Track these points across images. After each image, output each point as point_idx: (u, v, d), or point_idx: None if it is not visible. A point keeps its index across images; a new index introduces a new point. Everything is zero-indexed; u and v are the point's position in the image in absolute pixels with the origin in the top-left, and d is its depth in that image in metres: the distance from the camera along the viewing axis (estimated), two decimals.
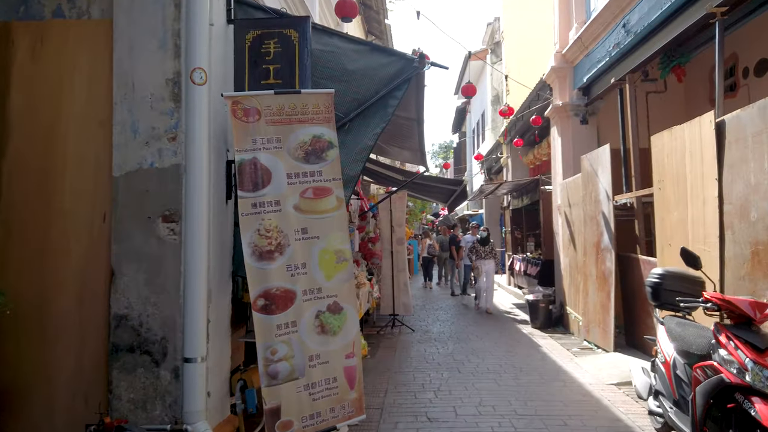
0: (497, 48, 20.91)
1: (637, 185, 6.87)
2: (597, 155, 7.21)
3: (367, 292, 5.45)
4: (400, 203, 9.14)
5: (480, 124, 23.64)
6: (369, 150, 3.57)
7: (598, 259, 7.18)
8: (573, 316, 8.32)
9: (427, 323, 9.54)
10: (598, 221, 7.21)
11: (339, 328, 3.30)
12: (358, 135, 3.64)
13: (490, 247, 10.77)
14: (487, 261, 10.61)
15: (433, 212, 33.05)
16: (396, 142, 7.45)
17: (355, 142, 3.62)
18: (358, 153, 3.57)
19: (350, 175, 3.54)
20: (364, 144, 3.58)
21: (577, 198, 8.17)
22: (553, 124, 9.48)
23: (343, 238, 3.35)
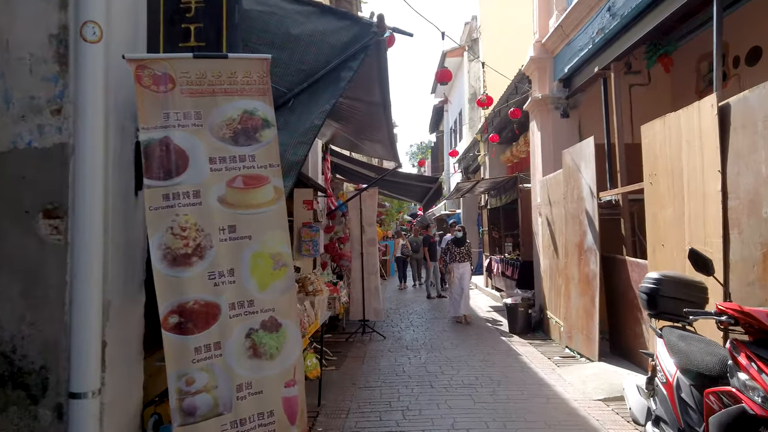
0: (474, 45, 20.45)
1: (623, 181, 6.38)
2: (580, 149, 6.71)
3: (324, 299, 4.81)
4: (371, 201, 8.53)
5: (457, 122, 23.18)
6: (316, 130, 2.94)
7: (581, 260, 6.67)
8: (554, 321, 7.81)
9: (400, 329, 8.94)
10: (580, 220, 6.70)
11: (276, 349, 2.66)
12: (304, 113, 3.01)
13: (466, 249, 9.64)
14: (462, 264, 9.50)
15: (410, 212, 32.54)
16: (366, 134, 6.84)
17: (300, 121, 2.98)
18: (303, 134, 2.94)
19: (292, 161, 2.91)
20: (311, 123, 2.96)
21: (557, 196, 7.67)
22: (532, 118, 8.98)
23: (281, 238, 2.72)
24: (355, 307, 8.47)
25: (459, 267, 9.46)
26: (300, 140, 2.93)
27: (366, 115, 5.60)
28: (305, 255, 6.83)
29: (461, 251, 9.57)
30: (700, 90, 7.68)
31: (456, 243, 9.65)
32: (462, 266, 9.48)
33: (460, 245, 9.62)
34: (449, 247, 9.73)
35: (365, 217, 8.53)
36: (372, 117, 5.54)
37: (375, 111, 5.20)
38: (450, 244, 9.76)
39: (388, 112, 4.91)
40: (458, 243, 9.63)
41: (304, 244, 6.81)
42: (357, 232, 8.54)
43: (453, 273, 9.50)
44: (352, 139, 7.54)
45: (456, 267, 9.49)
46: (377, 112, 5.13)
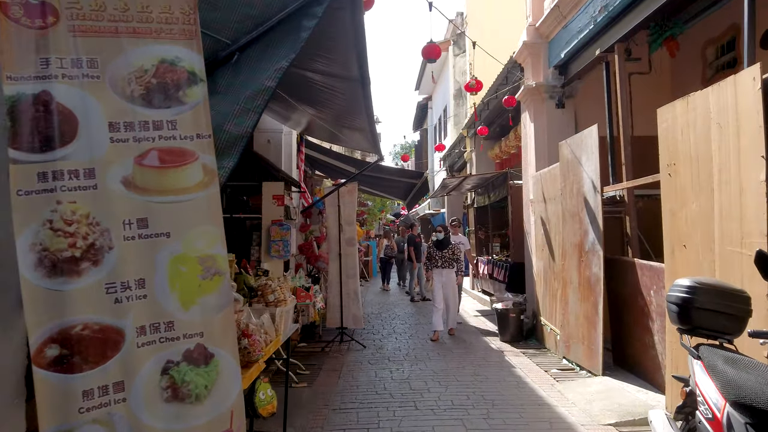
0: (460, 39, 19.85)
1: (628, 175, 5.76)
2: (581, 139, 6.07)
3: (289, 310, 4.08)
4: (350, 198, 7.80)
5: (442, 119, 22.56)
6: (268, 95, 2.22)
7: (581, 263, 6.04)
8: (548, 329, 7.17)
9: (382, 336, 8.23)
10: (581, 218, 6.07)
11: (206, 389, 1.93)
12: (252, 72, 2.28)
13: (450, 252, 8.11)
14: (446, 270, 8.03)
15: (393, 212, 31.86)
16: (344, 121, 6.12)
17: (246, 82, 2.26)
18: (251, 99, 2.22)
19: (235, 135, 2.18)
20: (261, 85, 2.23)
21: (554, 191, 7.03)
22: (524, 109, 8.34)
23: (214, 236, 1.99)
24: (332, 314, 7.74)
25: (442, 274, 8.04)
26: (246, 107, 2.21)
27: (343, 96, 4.88)
28: (275, 257, 6.08)
29: (444, 255, 8.08)
30: (707, 78, 7.12)
31: (438, 245, 8.18)
32: (446, 273, 8.05)
33: (443, 248, 8.13)
34: (430, 251, 8.27)
35: (344, 215, 7.81)
36: (350, 99, 4.83)
37: (353, 90, 4.48)
38: (431, 248, 8.31)
39: (368, 90, 4.21)
40: (440, 246, 8.16)
41: (274, 245, 6.06)
42: (335, 231, 7.80)
43: (433, 281, 8.12)
44: (330, 128, 6.81)
45: (438, 274, 8.04)
46: (355, 91, 4.41)
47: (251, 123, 2.19)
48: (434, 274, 8.10)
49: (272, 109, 7.26)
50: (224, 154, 2.12)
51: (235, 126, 2.17)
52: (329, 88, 4.72)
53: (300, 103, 5.95)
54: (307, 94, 5.37)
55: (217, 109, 2.16)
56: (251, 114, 2.20)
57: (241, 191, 6.51)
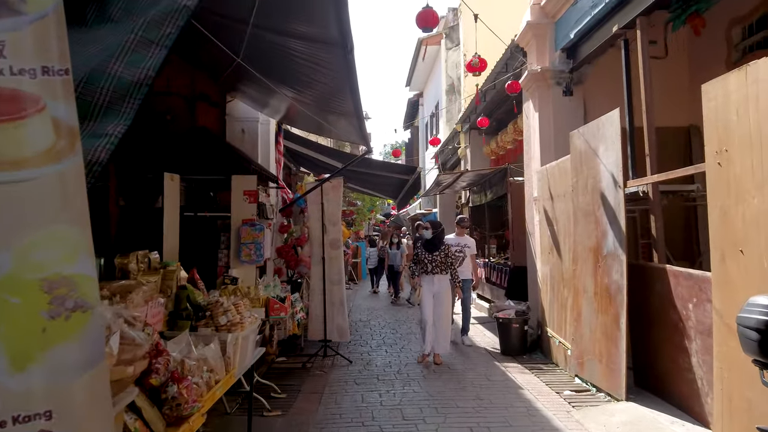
0: (452, 33, 19.11)
1: (653, 168, 5.00)
2: (597, 128, 5.31)
3: (250, 334, 3.25)
4: (335, 195, 6.98)
5: (434, 117, 21.79)
6: (184, 18, 1.40)
7: (598, 269, 5.27)
8: (556, 342, 6.41)
9: (370, 348, 7.43)
10: (597, 218, 5.31)
11: None
12: None
13: (443, 254, 6.54)
14: (438, 277, 6.47)
15: (383, 212, 31.08)
16: (327, 104, 5.32)
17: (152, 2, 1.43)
18: (154, 26, 1.39)
19: (127, 81, 1.36)
20: (174, 4, 1.41)
21: (563, 188, 6.27)
22: (528, 97, 7.58)
23: (73, 244, 1.17)
24: (314, 325, 6.91)
25: (433, 282, 6.46)
26: (147, 37, 1.39)
27: (324, 71, 4.08)
28: (245, 261, 5.26)
29: (435, 259, 6.51)
30: (733, 61, 6.39)
31: (427, 247, 6.62)
32: (437, 281, 6.48)
33: (433, 250, 6.57)
34: (418, 252, 6.74)
35: (328, 214, 6.98)
36: (332, 73, 4.03)
37: (334, 61, 3.68)
38: (419, 249, 6.76)
39: (351, 58, 3.40)
40: (430, 247, 6.60)
41: (244, 248, 5.24)
42: (318, 233, 6.98)
43: (421, 290, 6.68)
44: (312, 114, 6.00)
45: (428, 282, 6.48)
46: (337, 60, 3.61)
47: (154, 63, 1.38)
48: (423, 281, 6.57)
49: (246, 93, 6.43)
50: (109, 113, 1.31)
51: (127, 67, 1.37)
52: (307, 59, 3.92)
53: (277, 84, 5.14)
54: (284, 69, 4.57)
55: (102, 44, 1.34)
56: (155, 49, 1.40)
57: (207, 186, 5.67)
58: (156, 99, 6.62)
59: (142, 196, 5.81)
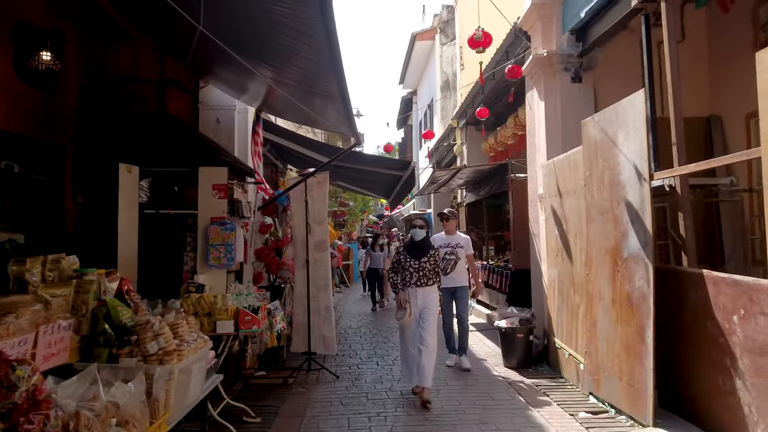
0: (447, 27, 18.50)
1: (680, 158, 4.37)
2: (616, 113, 4.68)
3: (191, 368, 2.57)
4: (320, 191, 6.32)
5: (428, 114, 21.17)
6: None
7: (617, 273, 4.64)
8: (566, 354, 5.77)
9: (360, 360, 6.76)
10: (616, 216, 4.67)
11: None
12: None
13: (432, 260, 5.19)
14: (424, 290, 5.12)
15: (377, 213, 30.42)
16: (309, 85, 4.66)
17: None
18: None
19: None
20: None
21: (573, 183, 5.64)
22: (532, 85, 6.95)
23: None
24: (298, 336, 6.24)
25: (417, 296, 5.08)
26: None
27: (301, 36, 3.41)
28: (213, 266, 4.59)
29: (422, 267, 5.13)
30: (760, 42, 5.78)
31: (411, 252, 5.19)
32: (422, 295, 5.09)
33: (419, 255, 5.16)
34: (400, 257, 5.27)
35: (313, 212, 6.32)
36: (310, 41, 3.36)
37: (309, 25, 3.01)
38: (401, 253, 5.29)
39: (332, 31, 2.72)
40: (415, 252, 5.19)
41: (213, 250, 4.56)
42: (301, 233, 6.31)
43: (407, 306, 5.05)
44: (295, 99, 5.32)
45: (414, 296, 5.09)
46: (312, 24, 2.94)
47: None
48: (405, 297, 5.08)
49: (221, 77, 5.75)
50: None
51: None
52: (279, 21, 3.25)
53: (252, 61, 4.47)
54: (256, 40, 3.90)
55: None
56: None
57: (171, 180, 4.98)
58: (122, 86, 5.95)
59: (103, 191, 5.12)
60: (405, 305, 5.05)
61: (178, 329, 2.40)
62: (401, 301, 5.10)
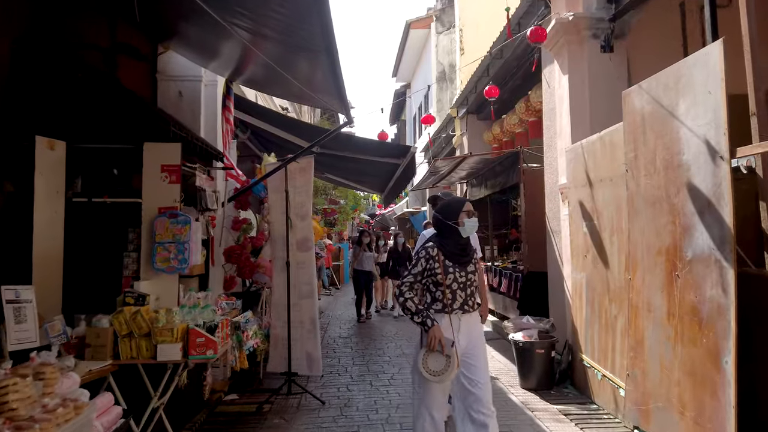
0: (443, 15, 17.53)
1: (763, 131, 3.41)
2: (676, 76, 3.71)
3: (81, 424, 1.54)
4: (304, 179, 5.31)
5: (423, 107, 20.19)
6: None
7: (676, 279, 3.67)
8: (598, 375, 4.80)
9: (350, 380, 5.76)
10: (675, 206, 3.70)
11: None
12: None
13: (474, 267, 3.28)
14: (469, 318, 3.19)
15: (368, 212, 29.41)
16: (290, 35, 3.63)
17: None
18: None
19: None
20: None
21: (609, 168, 4.67)
22: (552, 58, 5.99)
23: None
24: (276, 352, 5.22)
25: (461, 328, 3.13)
26: None
27: None
28: (161, 270, 3.55)
29: (469, 280, 3.21)
30: None
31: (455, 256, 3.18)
32: (470, 326, 3.19)
33: (466, 262, 3.22)
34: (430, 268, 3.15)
35: (295, 205, 5.30)
36: None
37: None
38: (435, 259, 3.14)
39: None
40: (462, 255, 3.21)
41: (161, 249, 3.54)
42: (281, 229, 5.29)
43: (452, 351, 2.98)
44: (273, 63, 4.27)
45: (455, 329, 3.09)
46: None
47: None
48: (441, 327, 3.06)
49: (184, 39, 4.70)
50: None
51: None
52: None
53: (221, 11, 3.43)
54: None
55: None
56: None
57: (110, 159, 3.92)
58: (63, 53, 4.87)
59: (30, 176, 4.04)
60: (446, 349, 2.96)
61: (6, 397, 1.38)
62: (435, 343, 2.96)
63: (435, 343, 2.98)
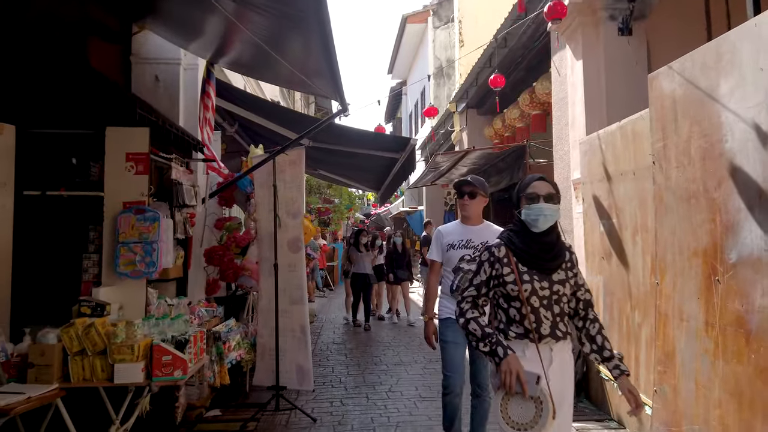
0: (441, 9, 17.08)
1: None
2: (718, 54, 3.26)
3: None
4: (294, 173, 4.83)
5: (419, 104, 19.73)
6: None
7: (716, 285, 3.22)
8: (618, 390, 4.32)
9: (344, 392, 5.29)
10: (715, 201, 3.26)
11: None
12: None
13: (569, 274, 2.35)
14: (561, 348, 2.34)
15: (363, 211, 28.95)
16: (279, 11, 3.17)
17: None
18: None
19: None
20: None
21: (632, 160, 4.24)
22: (564, 43, 5.55)
23: None
24: (263, 364, 4.74)
25: (554, 364, 2.29)
26: None
27: None
28: (125, 275, 3.06)
29: (558, 294, 2.28)
30: None
31: (533, 257, 2.27)
32: (563, 360, 2.37)
33: (551, 265, 2.31)
34: (496, 275, 2.29)
35: (284, 202, 4.83)
36: None
37: None
38: (502, 261, 2.29)
39: None
40: (545, 256, 2.30)
41: (125, 250, 3.05)
42: (269, 228, 4.81)
43: (548, 396, 2.10)
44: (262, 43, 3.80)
45: (545, 363, 2.20)
46: None
47: None
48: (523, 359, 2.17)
49: (161, 17, 4.21)
50: None
51: None
52: None
53: None
54: None
55: None
56: None
57: (68, 146, 3.42)
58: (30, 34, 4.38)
59: None
60: (529, 389, 2.09)
61: None
62: (512, 380, 2.08)
63: (511, 380, 2.05)
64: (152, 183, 3.72)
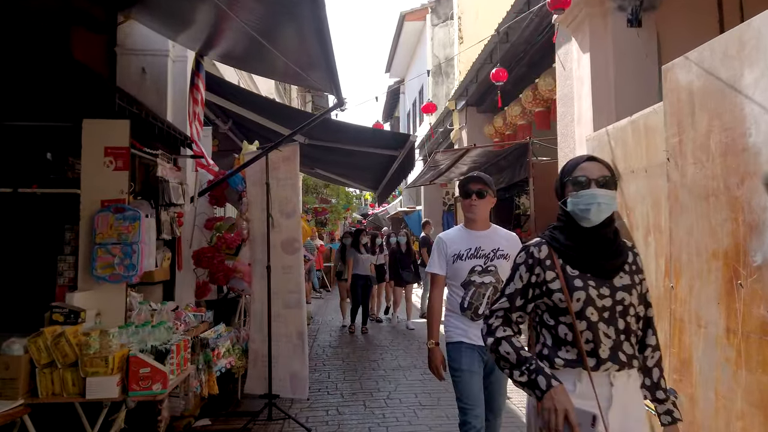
0: (439, 6, 16.87)
1: None
2: (741, 41, 3.06)
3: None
4: (288, 170, 4.61)
5: (417, 102, 19.52)
6: None
7: (739, 289, 3.01)
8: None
9: (340, 399, 5.07)
10: (737, 200, 3.06)
11: None
12: None
13: (636, 279, 1.80)
14: (627, 380, 1.75)
15: (361, 211, 28.74)
16: None
17: None
18: None
19: None
20: None
21: (644, 157, 4.03)
22: (569, 36, 5.34)
23: None
24: (255, 371, 4.51)
25: (614, 400, 1.71)
26: None
27: None
28: (103, 278, 2.84)
29: (623, 304, 1.73)
30: None
31: (589, 259, 1.78)
32: (630, 396, 1.79)
33: (610, 269, 1.78)
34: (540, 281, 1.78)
35: (278, 200, 4.61)
36: None
37: None
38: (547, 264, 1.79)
39: None
40: (602, 257, 1.78)
41: (103, 252, 2.83)
42: (262, 228, 4.59)
43: None
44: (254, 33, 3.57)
45: (604, 403, 1.69)
46: None
47: None
48: (572, 393, 1.65)
49: (149, 6, 3.99)
50: None
51: None
52: None
53: None
54: None
55: None
56: None
57: (42, 140, 3.19)
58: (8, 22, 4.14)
59: None
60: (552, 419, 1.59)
61: None
62: (559, 421, 1.57)
63: (558, 421, 1.57)
64: (136, 180, 3.50)
